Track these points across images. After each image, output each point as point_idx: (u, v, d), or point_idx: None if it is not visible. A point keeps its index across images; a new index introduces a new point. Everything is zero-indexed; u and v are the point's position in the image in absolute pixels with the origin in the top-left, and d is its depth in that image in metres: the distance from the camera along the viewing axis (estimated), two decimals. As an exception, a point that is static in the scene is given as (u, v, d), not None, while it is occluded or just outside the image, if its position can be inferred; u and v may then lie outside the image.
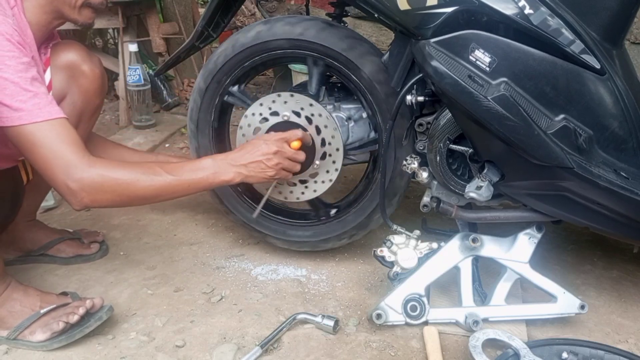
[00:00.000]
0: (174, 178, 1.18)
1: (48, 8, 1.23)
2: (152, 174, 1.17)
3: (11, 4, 1.16)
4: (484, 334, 1.17)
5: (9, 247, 1.50)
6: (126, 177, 1.14)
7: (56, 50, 1.34)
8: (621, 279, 1.51)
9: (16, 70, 1.05)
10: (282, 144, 1.26)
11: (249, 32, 1.40)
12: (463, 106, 1.13)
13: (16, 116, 1.05)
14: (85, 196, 1.11)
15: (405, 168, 1.33)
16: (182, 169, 1.21)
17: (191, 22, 3.09)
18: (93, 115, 1.43)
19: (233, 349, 1.20)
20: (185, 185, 1.20)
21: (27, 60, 1.09)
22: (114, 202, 1.17)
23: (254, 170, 1.24)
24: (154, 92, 2.71)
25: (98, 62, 1.40)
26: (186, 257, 1.58)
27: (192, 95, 1.50)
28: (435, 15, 1.12)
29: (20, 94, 1.05)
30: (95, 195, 1.12)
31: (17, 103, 1.05)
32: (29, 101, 1.06)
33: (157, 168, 1.18)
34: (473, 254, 1.29)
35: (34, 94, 1.07)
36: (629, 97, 1.16)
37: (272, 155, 1.24)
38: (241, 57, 1.41)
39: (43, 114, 1.08)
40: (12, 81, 1.05)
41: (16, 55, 1.06)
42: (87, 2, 1.27)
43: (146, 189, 1.16)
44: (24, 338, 1.19)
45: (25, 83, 1.06)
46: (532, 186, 1.22)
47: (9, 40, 1.06)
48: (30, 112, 1.06)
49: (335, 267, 1.54)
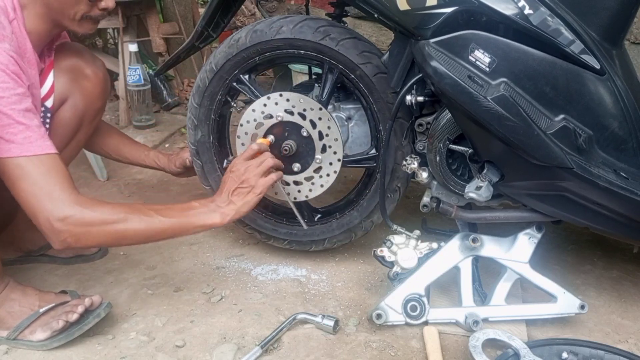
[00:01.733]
0: (164, 219, 1.17)
1: (47, 18, 1.21)
2: (141, 214, 1.15)
3: (10, 16, 1.14)
4: (484, 334, 1.17)
5: (9, 247, 1.50)
6: (114, 217, 1.12)
7: (60, 53, 1.33)
8: (621, 279, 1.51)
9: (9, 102, 1.04)
10: (245, 162, 1.27)
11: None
12: (463, 106, 1.13)
13: (6, 148, 1.05)
14: (69, 235, 1.09)
15: (405, 168, 1.34)
16: (171, 212, 1.20)
17: (191, 22, 3.09)
18: (95, 118, 1.43)
19: (233, 349, 1.20)
20: (175, 227, 1.19)
21: (22, 91, 1.08)
22: (99, 242, 1.16)
23: (241, 198, 1.24)
24: (154, 92, 2.71)
25: (101, 66, 1.40)
26: (186, 257, 1.58)
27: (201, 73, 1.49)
28: (435, 15, 1.12)
29: (11, 126, 1.04)
30: (80, 234, 1.10)
31: (7, 135, 1.04)
32: (20, 134, 1.05)
33: (145, 209, 1.17)
34: (473, 254, 1.29)
35: (26, 127, 1.06)
36: (628, 97, 1.16)
37: (245, 175, 1.25)
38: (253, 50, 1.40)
39: (34, 148, 1.06)
40: (5, 113, 1.04)
41: (10, 86, 1.05)
42: (86, 15, 1.24)
43: (135, 230, 1.14)
44: (24, 338, 1.19)
45: (18, 115, 1.05)
46: (532, 186, 1.22)
47: (4, 71, 1.05)
48: (21, 145, 1.05)
49: (335, 267, 1.54)
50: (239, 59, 1.40)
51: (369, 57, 1.34)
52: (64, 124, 1.35)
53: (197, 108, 1.48)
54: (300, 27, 1.35)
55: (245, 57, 1.40)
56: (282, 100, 1.37)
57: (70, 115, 1.36)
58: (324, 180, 1.41)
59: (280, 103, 1.37)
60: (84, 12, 1.22)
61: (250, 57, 1.40)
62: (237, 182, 1.25)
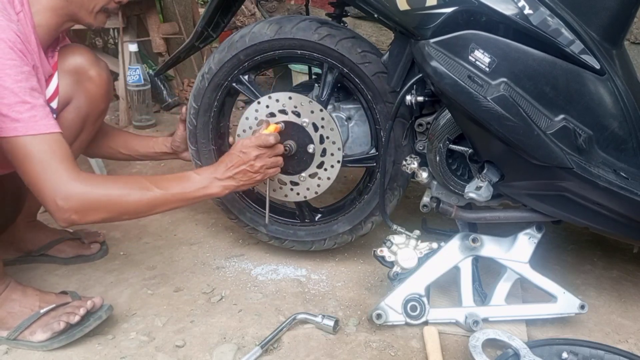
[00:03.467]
0: (163, 192, 1.19)
1: (62, 12, 1.22)
2: (140, 188, 1.17)
3: (17, 9, 1.14)
4: (484, 334, 1.17)
5: (9, 248, 1.50)
6: (116, 193, 1.15)
7: (64, 54, 1.33)
8: (621, 279, 1.51)
9: (16, 79, 1.05)
10: (259, 149, 1.27)
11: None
12: (462, 106, 1.13)
13: (12, 127, 1.05)
14: (73, 213, 1.11)
15: (405, 168, 1.34)
16: (170, 183, 1.22)
17: (191, 22, 3.09)
18: (98, 119, 1.43)
19: (233, 349, 1.20)
20: (174, 198, 1.21)
21: (28, 69, 1.08)
22: (103, 218, 1.17)
23: (242, 179, 1.26)
24: (154, 92, 2.71)
25: (105, 67, 1.40)
26: (186, 257, 1.58)
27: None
28: (435, 15, 1.12)
29: (17, 104, 1.05)
30: (85, 211, 1.12)
31: (14, 114, 1.05)
32: (26, 113, 1.06)
33: (146, 182, 1.19)
34: (473, 254, 1.29)
35: (32, 106, 1.07)
36: (628, 97, 1.16)
37: (254, 161, 1.26)
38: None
39: (38, 127, 1.07)
40: (12, 91, 1.04)
41: (17, 64, 1.06)
42: (104, 7, 1.27)
43: (136, 203, 1.17)
44: (24, 338, 1.19)
45: (25, 94, 1.06)
46: (532, 186, 1.22)
47: (12, 48, 1.05)
48: (26, 124, 1.06)
49: (335, 267, 1.54)
50: (239, 58, 1.40)
51: (369, 57, 1.34)
52: (68, 126, 1.35)
53: (196, 108, 1.47)
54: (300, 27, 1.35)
55: (244, 57, 1.40)
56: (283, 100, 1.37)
57: (73, 116, 1.36)
58: (322, 182, 1.41)
59: (280, 103, 1.37)
60: (103, 5, 1.26)
61: (249, 57, 1.40)
62: (245, 164, 1.25)
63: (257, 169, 1.26)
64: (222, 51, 1.41)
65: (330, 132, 1.36)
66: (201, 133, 1.49)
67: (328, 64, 1.37)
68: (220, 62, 1.41)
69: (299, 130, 1.38)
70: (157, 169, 2.19)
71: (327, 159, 1.38)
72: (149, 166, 2.20)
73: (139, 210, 1.20)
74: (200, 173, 1.26)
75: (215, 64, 1.42)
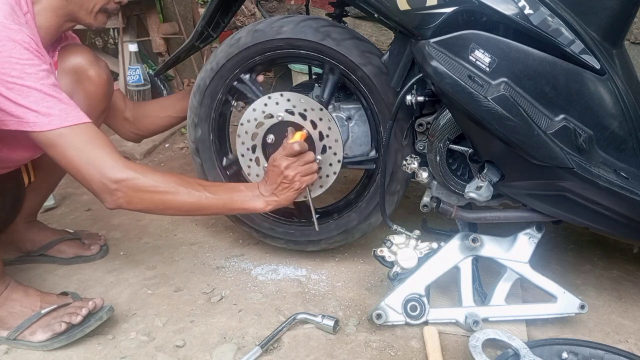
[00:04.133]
0: (211, 196, 1.22)
1: (62, 12, 1.23)
2: (190, 188, 1.20)
3: (24, 10, 1.15)
4: (484, 334, 1.17)
5: (8, 248, 1.50)
6: (164, 187, 1.17)
7: (63, 54, 1.33)
8: (621, 279, 1.51)
9: (37, 77, 1.06)
10: (287, 159, 1.28)
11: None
12: (463, 106, 1.13)
13: (46, 121, 1.07)
14: (122, 196, 1.14)
15: (405, 168, 1.34)
16: (218, 189, 1.25)
17: (191, 22, 3.09)
18: (97, 119, 1.43)
19: (233, 349, 1.20)
20: (220, 204, 1.24)
21: (47, 67, 1.10)
22: (148, 208, 1.19)
23: (282, 193, 1.28)
24: (154, 92, 2.71)
25: (105, 67, 1.40)
26: (186, 257, 1.58)
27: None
28: (435, 15, 1.12)
29: (45, 99, 1.07)
30: (132, 197, 1.15)
31: (44, 109, 1.06)
32: (56, 106, 1.08)
33: (195, 184, 1.22)
34: (473, 254, 1.29)
35: (59, 100, 1.09)
36: (629, 97, 1.16)
37: (286, 172, 1.27)
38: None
39: (72, 118, 1.09)
40: (35, 88, 1.06)
41: (35, 63, 1.07)
42: (104, 7, 1.28)
43: (183, 201, 1.19)
44: (24, 338, 1.19)
45: (49, 89, 1.08)
46: (532, 186, 1.22)
47: (27, 48, 1.06)
48: (60, 116, 1.08)
49: (335, 267, 1.54)
50: (239, 58, 1.40)
51: (370, 58, 1.35)
52: None
53: (197, 107, 1.48)
54: (302, 27, 1.35)
55: (245, 57, 1.40)
56: (282, 100, 1.37)
57: None
58: (323, 181, 1.41)
59: (281, 103, 1.37)
60: (102, 5, 1.27)
61: (250, 56, 1.40)
62: (280, 176, 1.27)
63: (292, 177, 1.27)
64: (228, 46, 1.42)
65: (328, 127, 1.36)
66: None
67: (328, 64, 1.37)
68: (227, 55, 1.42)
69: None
70: (156, 168, 2.19)
71: (329, 157, 1.38)
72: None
73: (183, 208, 1.21)
74: (248, 187, 1.29)
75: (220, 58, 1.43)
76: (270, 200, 1.28)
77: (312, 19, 1.37)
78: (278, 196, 1.28)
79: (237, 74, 1.43)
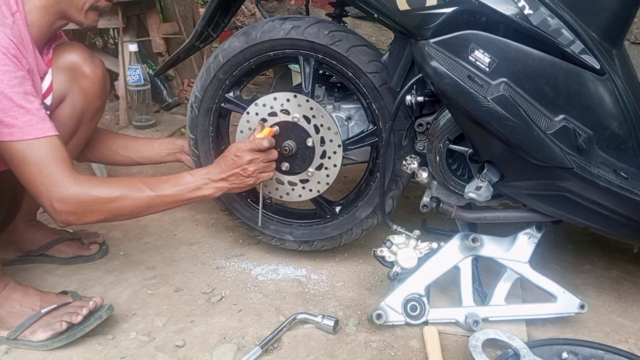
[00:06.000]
0: (157, 194, 1.22)
1: (53, 10, 1.23)
2: (135, 190, 1.21)
3: (13, 9, 1.15)
4: (484, 333, 1.17)
5: (8, 247, 1.50)
6: (111, 195, 1.18)
7: (58, 51, 1.33)
8: (621, 279, 1.51)
9: (9, 84, 1.06)
10: (253, 153, 1.27)
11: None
12: (463, 106, 1.13)
13: (7, 132, 1.07)
14: (69, 215, 1.16)
15: (405, 168, 1.34)
16: (164, 185, 1.24)
17: (191, 22, 3.09)
18: (94, 116, 1.43)
19: (233, 349, 1.20)
20: (169, 200, 1.25)
21: (22, 74, 1.10)
22: (100, 219, 1.21)
23: (235, 182, 1.28)
24: (154, 92, 2.70)
25: (100, 64, 1.40)
26: (186, 257, 1.58)
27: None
28: (435, 15, 1.12)
29: (12, 109, 1.06)
30: (81, 213, 1.17)
31: (8, 119, 1.06)
32: (21, 117, 1.07)
33: (139, 184, 1.22)
34: (473, 254, 1.29)
35: (26, 111, 1.08)
36: (628, 97, 1.16)
37: (247, 165, 1.27)
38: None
39: (34, 131, 1.09)
40: (6, 96, 1.06)
41: (10, 69, 1.07)
42: (94, 5, 1.28)
43: (133, 205, 1.21)
44: (25, 338, 1.19)
45: (19, 98, 1.07)
46: (532, 186, 1.22)
47: (4, 53, 1.07)
48: (22, 129, 1.08)
49: (335, 267, 1.54)
50: (239, 58, 1.40)
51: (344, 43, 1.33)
52: (63, 123, 1.35)
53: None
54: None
55: (242, 59, 1.40)
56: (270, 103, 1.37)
57: (69, 113, 1.37)
58: (330, 170, 1.40)
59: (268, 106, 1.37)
60: (92, 2, 1.27)
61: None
62: (238, 167, 1.27)
63: (250, 173, 1.28)
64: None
65: (322, 119, 1.35)
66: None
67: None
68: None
69: (294, 128, 1.37)
70: (157, 168, 2.19)
71: (328, 146, 1.37)
72: (148, 166, 2.19)
73: (134, 212, 1.24)
74: (194, 174, 1.28)
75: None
76: (220, 186, 1.28)
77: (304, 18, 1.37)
78: (230, 184, 1.28)
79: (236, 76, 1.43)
